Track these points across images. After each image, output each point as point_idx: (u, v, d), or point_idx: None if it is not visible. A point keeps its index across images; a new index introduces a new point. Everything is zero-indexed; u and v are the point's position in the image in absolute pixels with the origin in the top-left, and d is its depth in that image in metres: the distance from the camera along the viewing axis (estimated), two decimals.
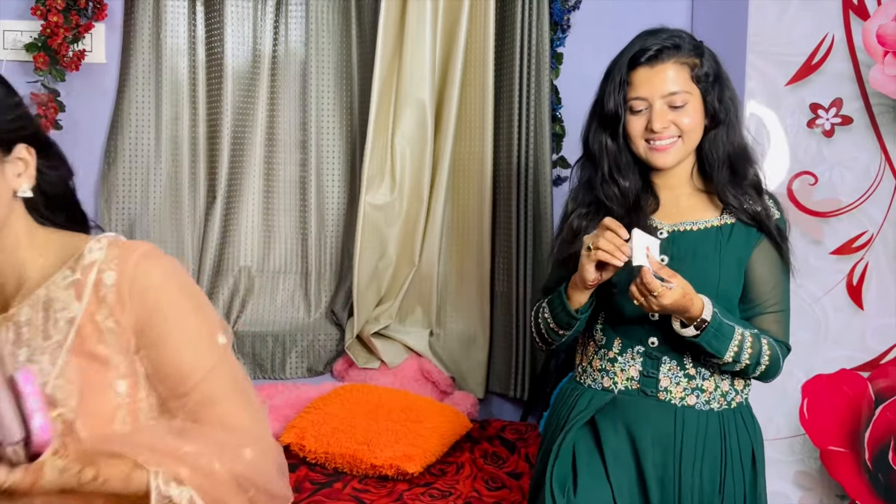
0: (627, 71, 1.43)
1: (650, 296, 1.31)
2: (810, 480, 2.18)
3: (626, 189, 1.47)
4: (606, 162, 1.48)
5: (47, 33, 2.33)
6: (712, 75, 1.45)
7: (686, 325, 1.37)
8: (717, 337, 1.37)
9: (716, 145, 1.46)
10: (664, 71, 1.42)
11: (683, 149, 1.45)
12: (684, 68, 1.43)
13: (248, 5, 2.50)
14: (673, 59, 1.42)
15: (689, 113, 1.43)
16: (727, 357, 1.38)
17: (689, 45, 1.45)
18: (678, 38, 1.44)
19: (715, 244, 1.45)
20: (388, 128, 2.51)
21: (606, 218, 1.37)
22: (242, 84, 2.50)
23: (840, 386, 2.15)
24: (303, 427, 2.12)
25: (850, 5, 2.11)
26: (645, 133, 1.44)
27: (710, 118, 1.46)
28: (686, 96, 1.42)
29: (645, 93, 1.42)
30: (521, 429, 2.36)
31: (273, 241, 2.60)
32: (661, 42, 1.42)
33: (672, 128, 1.42)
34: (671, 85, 1.41)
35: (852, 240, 2.14)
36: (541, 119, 2.45)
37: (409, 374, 2.53)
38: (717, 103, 1.44)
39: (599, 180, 1.49)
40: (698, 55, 1.45)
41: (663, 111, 1.42)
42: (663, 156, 1.44)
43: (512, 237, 2.49)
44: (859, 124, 2.13)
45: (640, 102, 1.43)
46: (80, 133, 2.49)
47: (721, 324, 1.37)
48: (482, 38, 2.47)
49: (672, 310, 1.34)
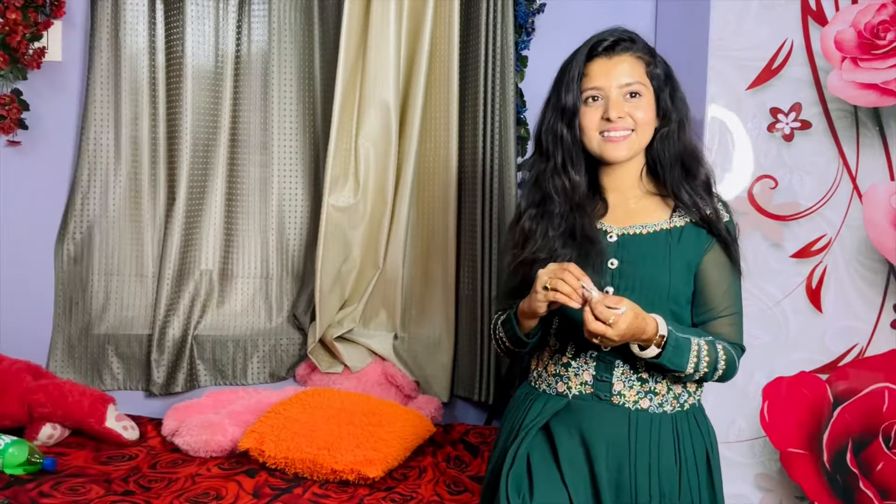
0: (584, 62, 1.44)
1: (606, 325, 1.30)
2: (770, 482, 2.19)
3: (576, 183, 1.47)
4: (560, 153, 1.47)
5: (6, 31, 2.28)
6: (664, 75, 1.47)
7: (644, 347, 1.37)
8: (677, 352, 1.37)
9: (667, 144, 1.46)
10: (621, 63, 1.43)
11: (637, 143, 1.45)
12: (640, 62, 1.45)
13: (209, 4, 2.46)
14: (629, 52, 1.44)
15: (643, 106, 1.43)
16: (688, 369, 1.38)
17: (643, 44, 1.47)
18: (636, 36, 1.47)
19: (665, 247, 1.45)
20: (352, 129, 2.49)
21: (568, 263, 1.35)
22: (204, 84, 2.47)
23: (800, 388, 2.17)
24: (262, 432, 2.09)
25: (809, 11, 2.13)
26: (600, 124, 1.44)
27: (662, 117, 1.46)
28: (641, 88, 1.43)
29: (602, 83, 1.43)
30: (485, 432, 2.35)
31: (234, 244, 2.57)
32: (617, 35, 1.44)
33: (627, 119, 1.43)
34: (627, 76, 1.42)
35: (811, 243, 2.16)
36: (505, 122, 2.45)
37: (372, 379, 2.51)
38: (669, 102, 1.46)
39: (550, 172, 1.48)
40: (651, 55, 1.47)
41: (619, 101, 1.42)
42: (616, 147, 1.44)
43: (477, 240, 2.48)
44: (818, 129, 2.15)
45: (596, 91, 1.43)
46: (44, 132, 2.44)
47: (678, 339, 1.37)
48: (447, 39, 2.46)
49: (630, 334, 1.33)
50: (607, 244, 1.46)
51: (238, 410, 2.27)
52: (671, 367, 1.38)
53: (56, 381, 2.23)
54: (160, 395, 2.46)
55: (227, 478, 1.99)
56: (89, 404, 2.16)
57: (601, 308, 1.30)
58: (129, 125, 2.46)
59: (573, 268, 1.34)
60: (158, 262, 2.48)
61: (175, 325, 2.47)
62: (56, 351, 2.45)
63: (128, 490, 1.91)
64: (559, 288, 1.32)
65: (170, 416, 2.26)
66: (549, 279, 1.34)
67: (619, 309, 1.30)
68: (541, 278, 1.36)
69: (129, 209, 2.48)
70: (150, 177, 2.49)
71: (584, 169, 1.48)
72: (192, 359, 2.50)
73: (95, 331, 2.47)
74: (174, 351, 2.47)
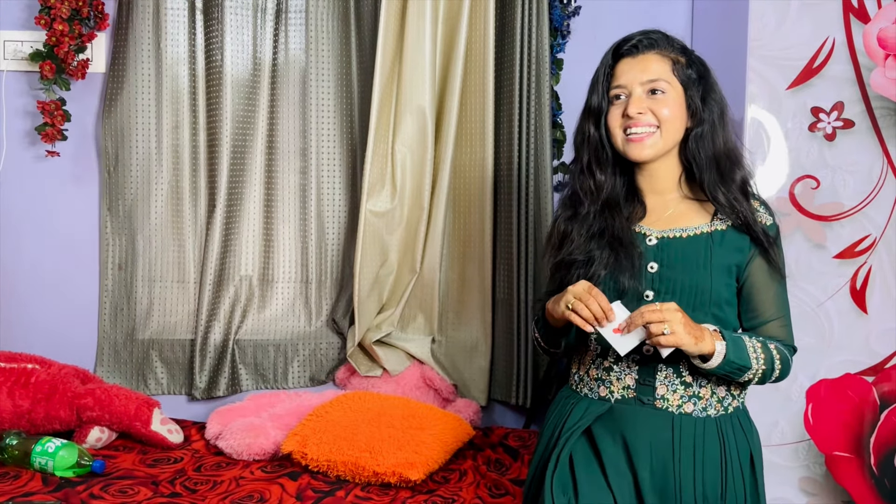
0: (612, 63, 1.46)
1: (660, 324, 1.30)
2: (815, 486, 2.16)
3: (601, 183, 1.47)
4: (587, 153, 1.49)
5: (53, 42, 2.34)
6: (695, 75, 1.45)
7: (706, 358, 1.36)
8: (736, 348, 1.37)
9: (701, 145, 1.44)
10: (645, 60, 1.44)
11: (661, 142, 1.44)
12: (666, 60, 1.44)
13: (247, 14, 2.50)
14: (655, 51, 1.44)
15: (667, 103, 1.43)
16: (752, 365, 1.38)
17: (674, 44, 1.47)
18: (663, 35, 1.46)
19: (706, 250, 1.44)
20: (389, 135, 2.51)
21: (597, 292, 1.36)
22: (243, 92, 2.51)
23: (844, 391, 2.14)
24: (304, 435, 2.11)
25: (851, 8, 2.10)
26: (623, 121, 1.44)
27: (692, 117, 1.45)
28: (665, 85, 1.43)
29: (625, 80, 1.44)
30: (524, 436, 2.35)
31: (274, 249, 2.60)
32: (644, 35, 1.45)
33: (649, 115, 1.42)
34: (651, 73, 1.43)
35: (855, 244, 2.13)
36: (541, 125, 2.45)
37: (411, 382, 2.52)
38: (700, 102, 1.44)
39: (577, 172, 1.50)
40: (684, 53, 1.46)
41: (641, 97, 1.43)
42: (639, 147, 1.44)
43: (513, 243, 2.48)
44: (861, 128, 2.12)
45: (620, 90, 1.45)
46: (87, 141, 2.50)
47: (731, 335, 1.37)
48: (482, 44, 2.47)
49: (687, 324, 1.32)
50: (646, 248, 1.45)
51: (279, 414, 2.30)
52: (739, 363, 1.37)
53: (103, 385, 2.27)
54: (203, 399, 2.50)
55: (270, 480, 2.02)
56: (135, 408, 2.20)
57: (648, 307, 1.30)
58: (169, 133, 2.51)
59: (601, 298, 1.34)
60: (200, 268, 2.53)
61: (217, 330, 2.51)
62: (102, 356, 2.51)
63: (174, 492, 1.94)
64: (578, 311, 1.34)
65: (213, 419, 2.30)
66: (574, 299, 1.35)
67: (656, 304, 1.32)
68: (567, 294, 1.37)
69: (171, 216, 2.53)
70: (191, 184, 2.53)
71: (613, 170, 1.48)
72: (234, 363, 2.53)
73: (140, 336, 2.52)
74: (216, 355, 2.51)
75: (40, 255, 2.52)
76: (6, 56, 2.44)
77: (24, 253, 2.51)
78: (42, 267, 2.52)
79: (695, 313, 1.41)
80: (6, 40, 2.44)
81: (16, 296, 2.51)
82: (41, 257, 2.52)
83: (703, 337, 1.34)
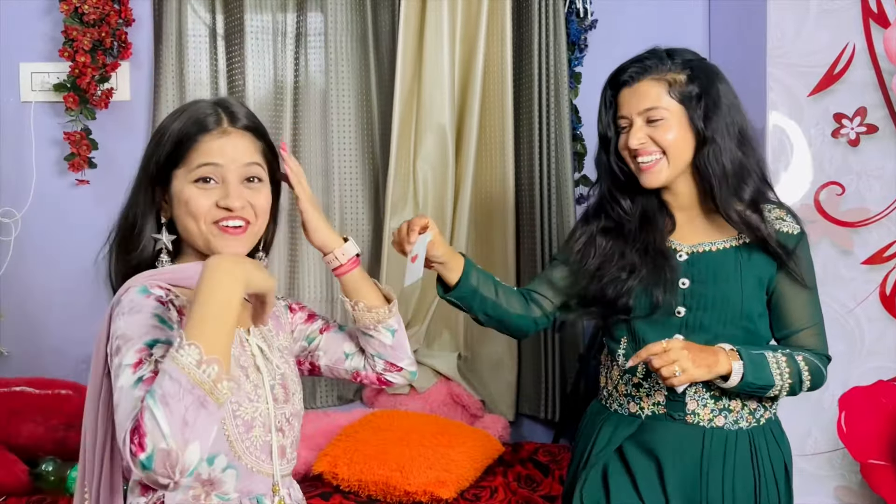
0: (613, 92, 1.47)
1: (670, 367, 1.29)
2: (852, 495, 2.14)
3: (630, 209, 1.49)
4: (606, 179, 1.51)
5: (76, 73, 2.39)
6: (697, 90, 1.42)
7: (726, 378, 1.36)
8: (756, 367, 1.36)
9: (709, 164, 1.42)
10: (639, 89, 1.43)
11: (670, 168, 1.43)
12: (661, 84, 1.42)
13: (267, 38, 2.53)
14: (648, 77, 1.43)
15: (667, 129, 1.41)
16: (776, 382, 1.37)
17: (674, 60, 1.43)
18: (657, 56, 1.44)
19: (735, 264, 1.43)
20: (410, 153, 2.52)
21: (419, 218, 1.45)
22: (265, 114, 2.53)
23: (877, 397, 2.11)
24: (335, 455, 2.12)
25: (870, 13, 2.09)
26: (631, 151, 1.45)
27: (696, 136, 1.43)
28: (662, 112, 1.41)
29: (625, 112, 1.45)
30: (554, 451, 2.34)
31: (299, 268, 2.62)
32: (636, 62, 1.45)
33: (650, 143, 1.42)
34: (646, 101, 1.42)
35: (883, 249, 2.11)
36: (561, 139, 2.45)
37: (438, 399, 2.53)
38: (702, 121, 1.41)
39: (608, 198, 1.51)
40: (684, 69, 1.43)
41: (640, 127, 1.43)
42: (650, 175, 1.44)
43: (536, 257, 2.48)
44: (885, 132, 2.10)
45: (624, 120, 1.45)
46: (113, 169, 2.54)
47: (749, 354, 1.37)
48: (500, 60, 2.48)
49: (699, 351, 1.33)
50: (677, 263, 1.45)
51: (309, 433, 2.31)
52: (759, 384, 1.36)
53: None
54: None
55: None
56: None
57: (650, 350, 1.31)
58: None
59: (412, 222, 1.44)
60: None
61: None
62: None
63: None
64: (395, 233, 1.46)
65: None
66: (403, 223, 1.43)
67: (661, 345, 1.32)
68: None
69: None
70: None
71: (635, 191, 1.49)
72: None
73: None
74: None
75: (74, 284, 2.55)
76: (34, 87, 2.49)
77: (56, 282, 2.54)
78: (75, 294, 2.55)
79: (725, 328, 1.41)
80: (33, 72, 2.49)
81: (48, 324, 2.54)
82: (75, 286, 2.55)
83: (718, 361, 1.34)
